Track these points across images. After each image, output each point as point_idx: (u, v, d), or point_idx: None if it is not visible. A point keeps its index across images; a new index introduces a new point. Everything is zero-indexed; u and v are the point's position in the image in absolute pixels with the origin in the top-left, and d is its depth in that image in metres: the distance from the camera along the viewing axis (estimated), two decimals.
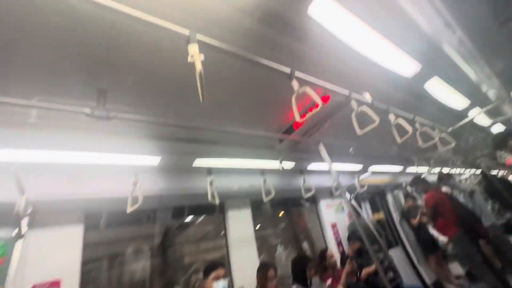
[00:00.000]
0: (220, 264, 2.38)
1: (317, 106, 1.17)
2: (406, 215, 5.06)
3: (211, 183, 2.23)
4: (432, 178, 4.99)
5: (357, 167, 4.22)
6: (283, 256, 3.88)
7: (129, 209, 1.72)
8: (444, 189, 4.01)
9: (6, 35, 1.12)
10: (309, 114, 1.24)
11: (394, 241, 5.40)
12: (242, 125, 1.66)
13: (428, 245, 4.71)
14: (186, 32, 1.00)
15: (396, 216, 5.58)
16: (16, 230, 1.69)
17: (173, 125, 1.38)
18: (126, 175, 1.98)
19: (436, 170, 4.75)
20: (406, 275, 4.60)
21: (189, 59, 0.94)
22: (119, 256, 2.79)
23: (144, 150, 2.08)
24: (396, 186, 5.88)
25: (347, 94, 1.69)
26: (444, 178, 4.10)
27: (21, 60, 1.27)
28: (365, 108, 1.68)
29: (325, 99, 2.07)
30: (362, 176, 4.04)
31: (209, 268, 2.34)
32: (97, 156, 1.93)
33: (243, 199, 3.19)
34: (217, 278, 2.25)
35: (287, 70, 1.34)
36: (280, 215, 4.15)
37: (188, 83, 1.63)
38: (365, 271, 3.30)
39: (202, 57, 0.94)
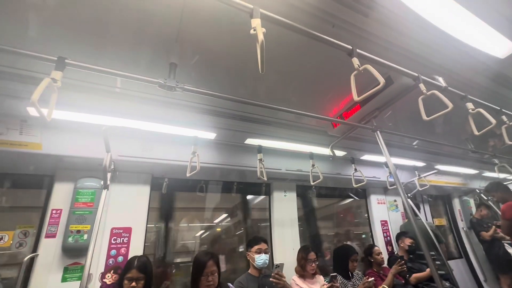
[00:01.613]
0: (262, 240, 2.51)
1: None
2: (476, 225, 4.40)
3: (260, 160, 2.32)
4: None
5: (419, 163, 3.80)
6: None
7: (188, 174, 1.95)
8: None
9: (100, 26, 1.38)
10: (369, 92, 1.18)
11: (457, 252, 4.78)
12: (295, 108, 1.68)
13: (502, 264, 4.03)
14: (250, 6, 1.04)
15: (462, 225, 4.89)
16: (102, 182, 2.07)
17: (232, 99, 1.48)
18: (185, 145, 2.22)
19: None
20: None
21: (251, 32, 0.98)
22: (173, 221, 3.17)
23: (203, 124, 2.28)
24: (467, 191, 5.11)
25: (415, 75, 1.53)
26: None
27: (107, 40, 1.51)
28: (436, 93, 1.49)
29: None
30: (424, 174, 3.62)
31: (253, 241, 2.50)
32: (167, 127, 2.21)
33: (289, 182, 3.23)
34: (259, 251, 2.39)
35: (348, 46, 1.29)
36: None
37: (245, 66, 1.73)
38: (416, 275, 3.04)
39: (264, 30, 0.98)
